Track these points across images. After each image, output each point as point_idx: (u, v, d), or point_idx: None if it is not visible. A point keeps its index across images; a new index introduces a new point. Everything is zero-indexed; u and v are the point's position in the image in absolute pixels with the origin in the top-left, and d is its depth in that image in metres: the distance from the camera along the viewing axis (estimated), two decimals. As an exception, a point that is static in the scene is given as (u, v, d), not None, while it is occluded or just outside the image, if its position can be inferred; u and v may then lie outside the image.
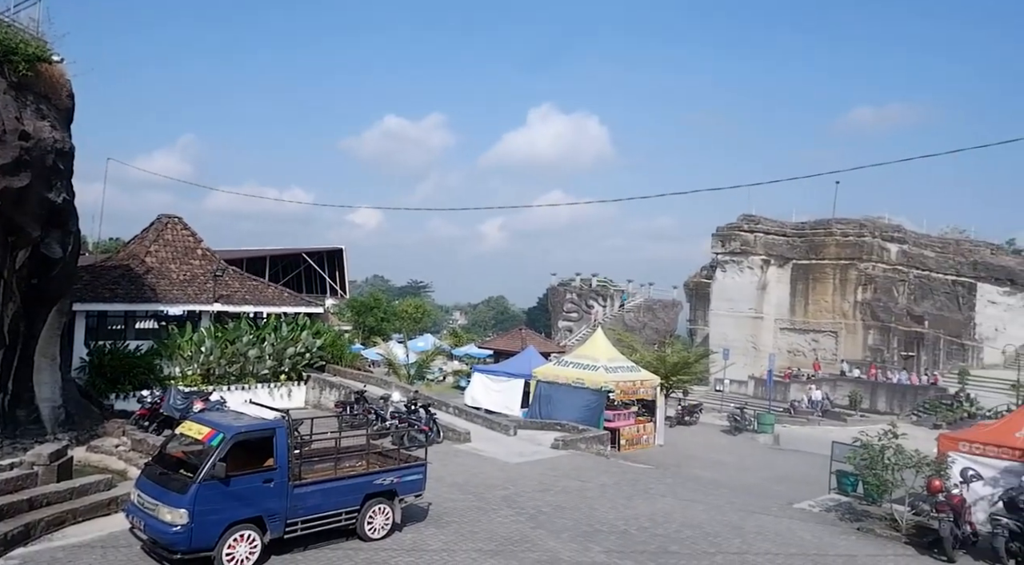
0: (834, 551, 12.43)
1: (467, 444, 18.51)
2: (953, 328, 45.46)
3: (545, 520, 12.79)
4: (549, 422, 21.35)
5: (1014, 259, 50.25)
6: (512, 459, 17.42)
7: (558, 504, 13.90)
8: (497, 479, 15.45)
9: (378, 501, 11.05)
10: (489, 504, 13.50)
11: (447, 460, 16.60)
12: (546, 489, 15.01)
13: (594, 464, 18.03)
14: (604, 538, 12.08)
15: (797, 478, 19.47)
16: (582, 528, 12.51)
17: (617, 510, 13.86)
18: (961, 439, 15.05)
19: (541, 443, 19.20)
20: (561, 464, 17.53)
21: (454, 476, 15.28)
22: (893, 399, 38.24)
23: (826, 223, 45.72)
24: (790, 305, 46.00)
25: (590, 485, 15.73)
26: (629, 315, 53.56)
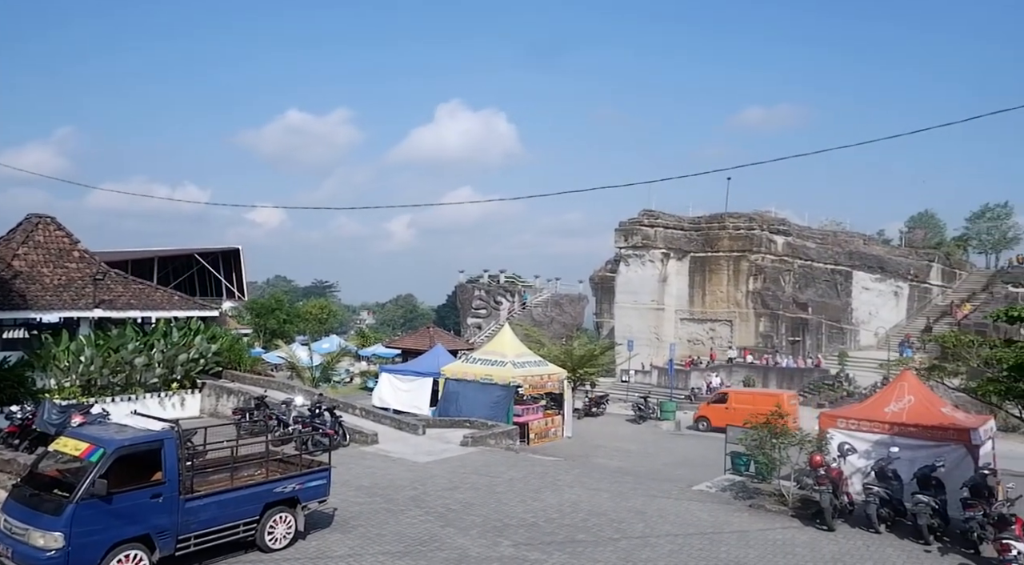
0: (728, 528, 13.11)
1: (375, 446, 18.17)
2: (833, 313, 49.03)
3: (454, 518, 12.75)
4: (458, 419, 21.31)
5: (883, 248, 54.83)
6: (421, 459, 17.25)
7: (467, 501, 13.90)
8: (405, 480, 15.25)
9: (279, 510, 10.64)
10: (397, 505, 13.31)
11: (353, 463, 16.23)
12: (455, 487, 14.97)
13: (503, 459, 18.15)
14: (513, 532, 12.18)
15: (697, 461, 20.40)
16: (491, 523, 12.56)
17: (526, 503, 14.03)
18: (839, 416, 16.26)
19: (450, 441, 19.14)
20: (470, 461, 17.54)
21: (360, 479, 14.96)
22: (782, 381, 40.78)
23: (720, 217, 48.11)
24: (689, 296, 48.12)
25: (499, 480, 15.82)
26: (537, 310, 54.37)
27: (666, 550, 11.67)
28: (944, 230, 61.61)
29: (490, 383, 22.01)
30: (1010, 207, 61.09)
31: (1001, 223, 60.80)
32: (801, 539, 12.67)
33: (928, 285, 53.42)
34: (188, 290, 46.86)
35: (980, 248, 61.44)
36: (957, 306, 47.65)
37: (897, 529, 13.29)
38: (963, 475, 13.33)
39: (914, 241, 57.19)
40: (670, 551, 11.63)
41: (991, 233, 60.91)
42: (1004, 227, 60.74)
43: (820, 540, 12.66)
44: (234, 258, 52.88)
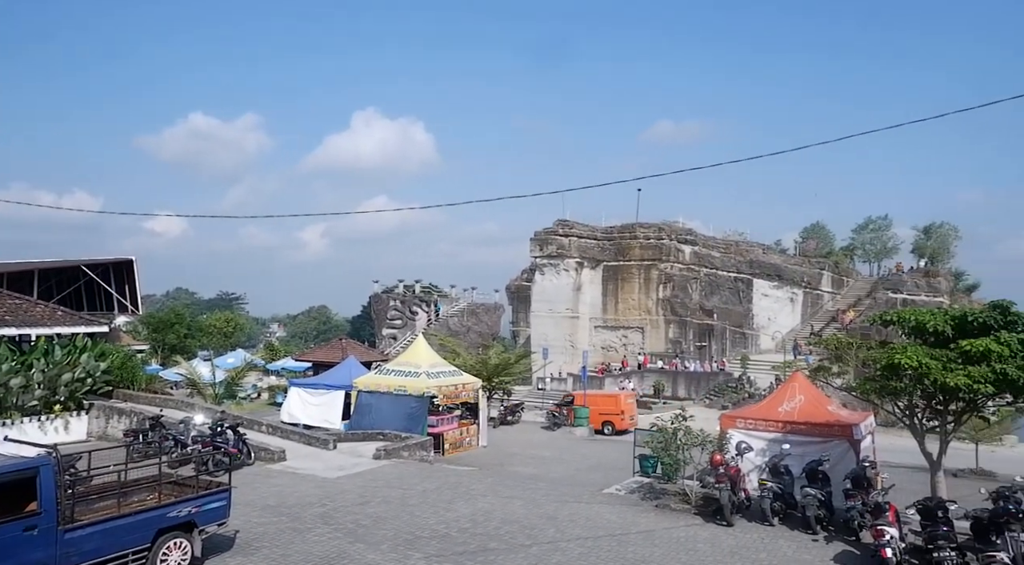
0: (636, 529, 13.49)
1: (282, 463, 17.55)
2: (736, 319, 51.58)
3: (364, 533, 12.49)
4: (371, 432, 20.92)
5: (780, 257, 58.25)
6: (331, 474, 16.81)
7: (378, 515, 13.65)
8: (314, 497, 14.81)
9: (173, 535, 10.08)
10: (304, 524, 12.90)
11: (259, 482, 15.62)
12: (366, 501, 14.67)
13: (417, 471, 17.96)
14: (425, 544, 12.06)
15: (609, 465, 20.85)
16: (403, 537, 12.39)
17: (439, 514, 13.93)
18: (737, 417, 17.11)
19: (363, 455, 18.75)
20: (383, 474, 17.25)
21: (266, 498, 14.41)
22: (690, 386, 42.54)
23: (631, 227, 49.72)
24: (602, 304, 49.36)
25: (412, 492, 15.64)
26: (453, 320, 54.24)
27: (576, 553, 11.87)
28: (833, 240, 66.04)
29: (404, 394, 21.74)
30: (889, 219, 66.37)
31: (882, 234, 65.85)
32: (703, 535, 13.21)
33: (820, 291, 57.11)
34: (75, 305, 43.76)
35: (864, 257, 66.32)
36: (843, 312, 51.22)
37: (789, 521, 14.09)
38: (846, 468, 14.31)
39: (807, 251, 61.03)
40: (580, 554, 11.85)
41: (874, 243, 65.85)
42: (885, 238, 65.81)
43: (720, 535, 13.24)
44: (127, 269, 49.71)
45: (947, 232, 62.45)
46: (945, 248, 61.74)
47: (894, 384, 13.15)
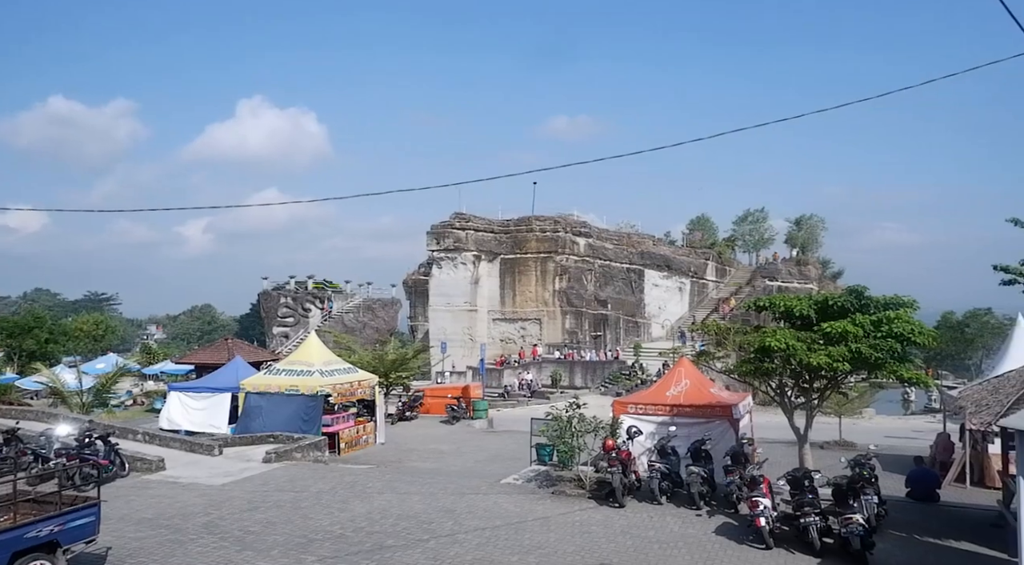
0: (532, 516, 13.74)
1: (161, 473, 16.47)
2: (629, 309, 53.52)
3: (253, 540, 11.96)
4: (261, 435, 20.06)
5: (669, 249, 60.92)
6: (216, 481, 15.96)
7: (269, 520, 13.12)
8: (197, 506, 14.01)
9: (32, 557, 9.22)
10: (186, 535, 12.17)
11: (134, 494, 14.59)
12: (255, 507, 14.05)
13: (311, 473, 17.40)
14: (319, 546, 11.72)
15: (507, 456, 21.09)
16: (295, 541, 11.97)
17: (333, 515, 13.57)
18: (629, 403, 17.82)
19: (252, 459, 17.94)
20: (274, 478, 16.58)
21: (143, 511, 13.48)
22: (587, 375, 43.79)
23: (527, 220, 50.35)
24: (500, 297, 49.75)
25: (305, 494, 15.14)
26: (348, 316, 52.87)
27: (474, 544, 11.94)
28: (717, 231, 69.74)
29: (296, 394, 20.97)
30: (766, 212, 70.87)
31: (760, 225, 70.31)
32: (596, 518, 13.66)
33: (706, 280, 60.31)
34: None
35: (744, 247, 70.57)
36: (725, 300, 54.43)
37: (676, 499, 14.85)
38: (727, 445, 15.27)
39: (693, 242, 64.23)
40: (478, 544, 11.92)
41: (752, 234, 70.21)
42: (762, 229, 70.32)
43: (613, 517, 13.74)
44: (-26, 270, 44.77)
45: (816, 224, 67.57)
46: (814, 238, 66.79)
47: (766, 365, 14.13)
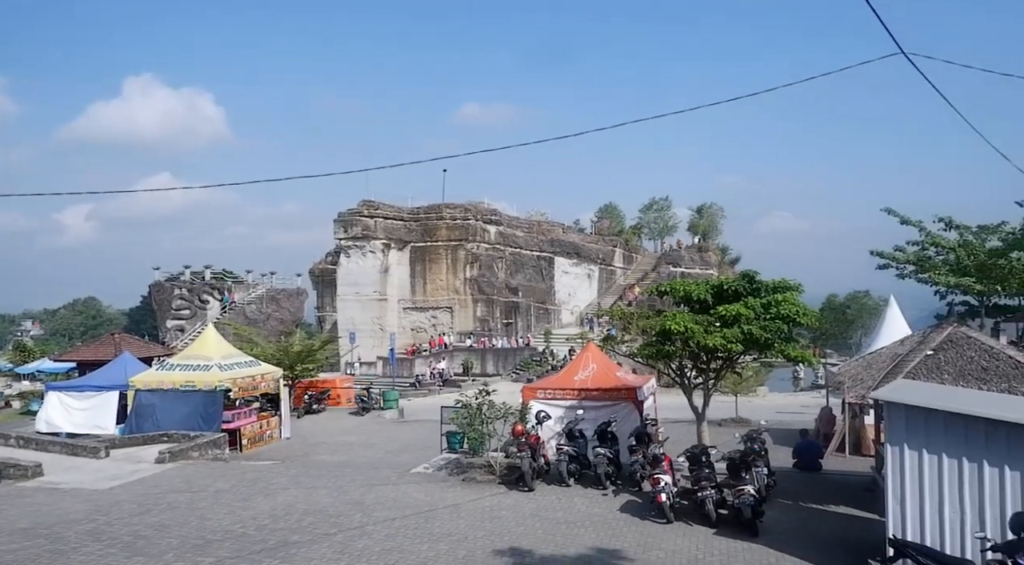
0: (443, 504, 13.70)
1: (38, 479, 15.24)
2: (540, 296, 54.31)
3: (145, 545, 11.27)
4: (154, 434, 18.93)
5: (579, 236, 62.19)
6: (103, 485, 14.93)
7: (162, 523, 12.40)
8: (80, 512, 13.05)
9: None
10: (67, 544, 11.31)
11: (7, 504, 13.47)
12: (147, 510, 13.24)
13: (209, 471, 16.59)
14: (218, 547, 11.18)
15: (418, 446, 20.93)
16: (191, 543, 11.37)
17: (234, 514, 13.00)
18: (538, 388, 18.06)
19: (143, 460, 16.92)
20: (168, 478, 15.70)
21: (17, 521, 12.43)
22: (498, 361, 44.14)
23: (437, 208, 49.96)
24: (411, 286, 49.20)
25: (203, 494, 14.43)
26: (251, 307, 50.73)
27: (383, 535, 11.76)
28: (624, 219, 71.84)
29: (192, 390, 19.91)
30: (670, 200, 73.70)
31: (664, 213, 73.00)
32: (506, 502, 13.79)
33: (613, 267, 62.06)
34: None
35: (650, 235, 73.11)
36: (630, 287, 56.24)
37: (584, 480, 15.22)
38: (631, 426, 15.75)
39: (601, 229, 65.86)
40: (387, 535, 11.75)
41: (657, 222, 72.82)
42: (666, 217, 73.05)
43: (522, 501, 13.91)
44: None
45: (715, 212, 70.84)
46: (714, 226, 70.04)
47: (667, 348, 14.70)
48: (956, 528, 8.52)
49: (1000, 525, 7.92)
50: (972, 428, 8.46)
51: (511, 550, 10.72)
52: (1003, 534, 7.68)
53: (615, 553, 10.60)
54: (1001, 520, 7.93)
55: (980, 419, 8.41)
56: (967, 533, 8.35)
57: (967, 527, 8.38)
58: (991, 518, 8.21)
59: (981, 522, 8.27)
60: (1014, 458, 8.19)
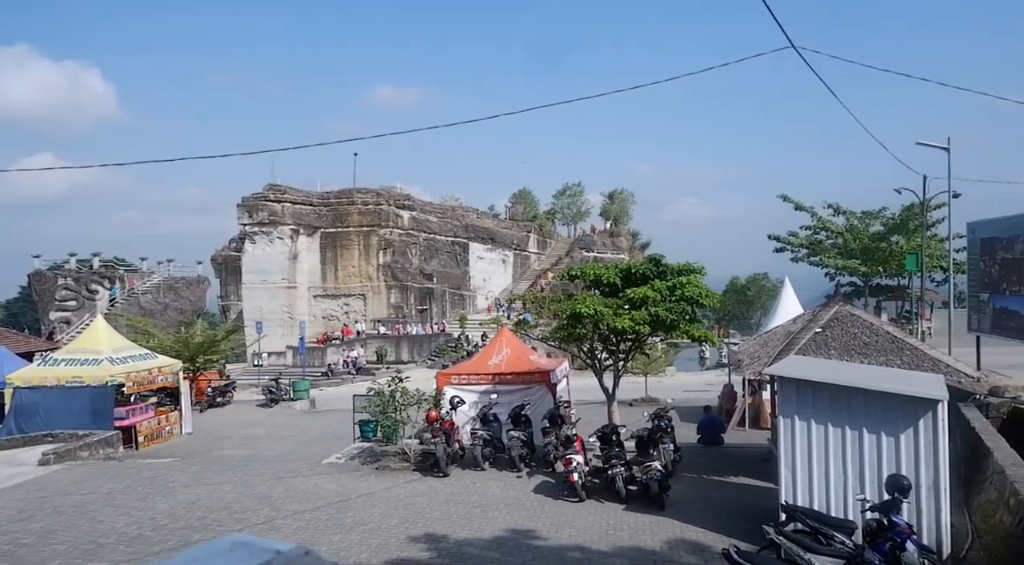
0: (356, 494, 13.45)
1: (-100, 489, 13.77)
2: (455, 282, 54.12)
3: (26, 553, 10.43)
4: (36, 435, 17.53)
5: (493, 222, 62.33)
6: (-24, 492, 13.68)
7: (46, 529, 11.51)
8: (-50, 523, 11.92)
9: None
10: (-66, 559, 10.31)
11: None
12: (29, 516, 12.26)
13: (101, 472, 15.54)
14: (111, 551, 10.50)
15: (331, 436, 20.45)
16: (81, 548, 10.63)
17: (129, 516, 12.24)
18: (452, 374, 18.01)
19: (24, 463, 15.64)
20: (53, 481, 14.58)
21: None
22: (413, 348, 43.69)
23: (348, 193, 48.65)
24: (322, 273, 47.81)
25: (94, 496, 13.49)
26: (146, 297, 47.75)
27: (292, 528, 11.42)
28: (538, 205, 72.61)
29: (80, 386, 18.54)
30: (583, 186, 75.04)
31: (577, 199, 74.33)
32: (421, 489, 13.71)
33: (528, 253, 62.66)
34: None
35: (564, 220, 74.28)
36: (544, 272, 57.04)
37: (499, 463, 15.34)
38: (545, 409, 16.01)
39: (515, 215, 66.27)
40: (296, 528, 11.42)
41: (571, 208, 74.05)
42: (579, 202, 74.41)
43: (437, 486, 13.87)
44: None
45: (626, 198, 72.77)
46: (625, 211, 71.97)
47: (578, 331, 14.99)
48: (840, 492, 9.18)
49: (878, 487, 8.60)
50: (853, 399, 9.11)
51: (426, 536, 10.68)
52: (880, 495, 8.33)
53: (529, 533, 10.76)
54: (879, 482, 8.60)
55: (860, 390, 9.07)
56: (849, 496, 9.01)
57: (849, 490, 9.05)
58: (870, 481, 8.89)
59: (862, 485, 8.94)
60: (889, 425, 8.90)
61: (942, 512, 8.68)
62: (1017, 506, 7.94)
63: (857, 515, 8.59)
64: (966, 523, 9.71)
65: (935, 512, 8.68)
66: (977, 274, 17.59)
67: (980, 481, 10.42)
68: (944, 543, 8.65)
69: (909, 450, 8.77)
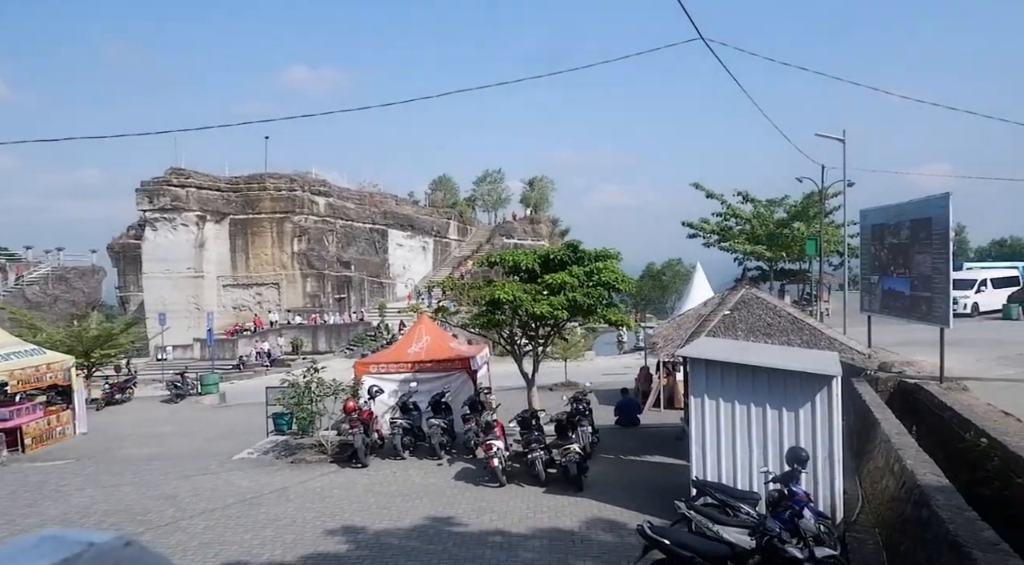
0: (269, 489, 12.99)
1: None
2: (373, 269, 53.08)
3: None
4: (-95, 441, 15.91)
5: (413, 208, 61.46)
6: None
7: (-83, 545, 10.48)
8: None
9: None
10: None
11: None
12: None
13: (-18, 478, 14.32)
14: (-7, 564, 9.69)
15: (242, 431, 19.65)
16: (-42, 563, 9.75)
17: (14, 524, 11.34)
18: (371, 363, 17.65)
19: None
20: (-74, 491, 13.31)
21: None
22: (331, 338, 42.62)
23: (260, 178, 46.68)
24: (231, 261, 45.77)
25: (-27, 506, 12.41)
26: (33, 289, 44.21)
27: (200, 528, 10.89)
28: (458, 192, 72.14)
29: (-43, 386, 16.97)
30: (503, 173, 75.08)
31: (497, 186, 74.36)
32: (339, 481, 13.40)
33: (448, 240, 62.21)
34: None
35: (484, 207, 74.18)
36: (465, 259, 56.89)
37: (419, 452, 15.20)
38: (466, 396, 15.96)
39: (436, 202, 65.61)
40: (205, 528, 10.90)
41: (491, 194, 74.02)
42: (500, 189, 74.48)
43: (355, 478, 13.59)
44: None
45: (546, 184, 73.37)
46: (545, 198, 72.57)
47: (497, 317, 15.00)
48: (746, 465, 9.63)
49: (780, 459, 9.06)
50: (757, 377, 9.55)
51: (344, 529, 10.44)
52: (782, 467, 8.79)
53: (449, 520, 10.71)
54: (781, 455, 9.07)
55: (763, 369, 9.51)
56: (754, 469, 9.46)
57: (754, 464, 9.50)
58: (772, 454, 9.37)
59: (765, 458, 9.41)
60: (789, 401, 9.39)
61: (836, 480, 9.25)
62: (901, 471, 8.56)
63: (761, 487, 9.02)
64: (857, 489, 10.42)
65: (830, 480, 9.25)
66: (868, 258, 18.83)
67: (869, 450, 11.20)
68: (837, 509, 9.23)
69: (807, 424, 9.29)
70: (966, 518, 6.30)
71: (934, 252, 14.29)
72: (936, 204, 14.19)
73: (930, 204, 14.48)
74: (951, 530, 5.96)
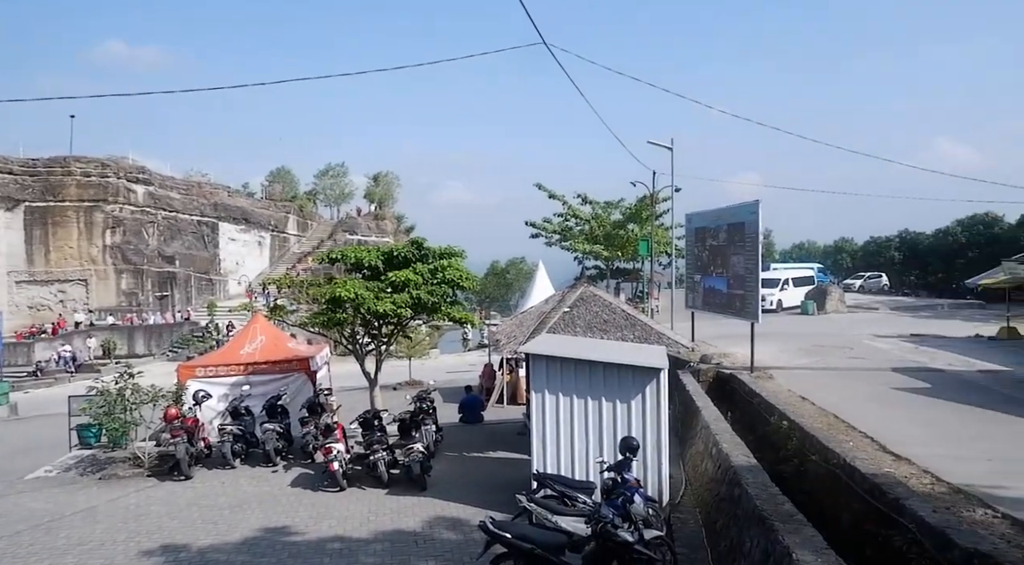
0: (72, 510, 11.51)
1: None
2: (202, 265, 49.07)
3: None
4: None
5: (248, 201, 57.63)
6: None
7: None
8: None
9: None
10: None
11: None
12: None
13: None
14: None
15: (39, 446, 17.28)
16: None
17: None
18: (197, 366, 16.28)
19: None
20: None
21: None
22: (151, 340, 38.77)
23: (64, 161, 41.37)
24: (27, 254, 40.14)
25: None
26: None
27: (-18, 564, 9.38)
28: (298, 185, 68.72)
29: None
30: (346, 167, 72.71)
31: (340, 180, 71.83)
32: (158, 496, 12.20)
33: (287, 235, 59.07)
34: None
35: (326, 201, 71.34)
36: (305, 255, 54.44)
37: (252, 459, 14.25)
38: (304, 398, 15.23)
39: (273, 194, 62.00)
40: (-12, 563, 9.40)
41: (333, 189, 71.36)
42: (343, 184, 71.99)
43: (178, 491, 12.45)
44: None
45: (392, 180, 72.10)
46: (390, 194, 71.27)
47: (339, 315, 14.45)
48: (583, 456, 10.07)
49: (614, 449, 9.57)
50: (593, 372, 10.02)
51: (162, 548, 9.48)
52: (616, 456, 9.29)
53: (284, 530, 10.13)
54: (615, 445, 9.58)
55: (599, 364, 10.00)
56: (591, 459, 9.92)
57: (591, 454, 9.95)
58: (607, 444, 9.87)
59: (601, 448, 9.89)
60: (623, 393, 9.95)
61: (663, 466, 9.96)
62: (718, 455, 9.40)
63: (597, 476, 9.47)
64: (681, 473, 11.30)
65: (658, 466, 9.93)
66: (692, 258, 20.54)
67: (692, 436, 12.20)
68: (664, 492, 9.94)
69: (638, 414, 9.90)
70: (770, 494, 7.03)
71: (746, 253, 15.86)
72: (748, 210, 15.74)
73: (743, 210, 16.04)
74: (758, 506, 6.61)
